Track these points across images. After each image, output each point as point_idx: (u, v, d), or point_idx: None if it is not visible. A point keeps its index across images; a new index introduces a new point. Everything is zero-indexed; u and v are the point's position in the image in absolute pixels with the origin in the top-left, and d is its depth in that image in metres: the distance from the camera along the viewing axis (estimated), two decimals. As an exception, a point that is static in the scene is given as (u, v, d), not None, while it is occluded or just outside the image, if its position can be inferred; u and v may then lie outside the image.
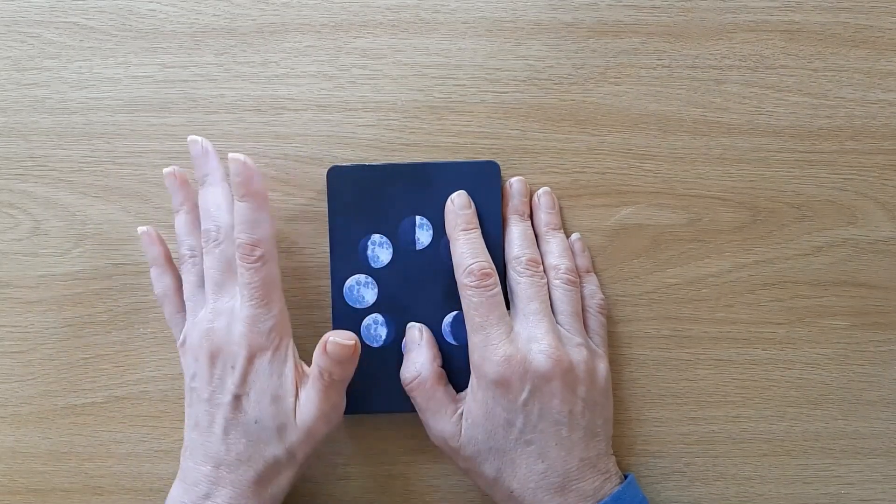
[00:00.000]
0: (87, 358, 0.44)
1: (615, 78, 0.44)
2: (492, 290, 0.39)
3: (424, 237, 0.42)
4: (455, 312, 0.42)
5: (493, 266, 0.40)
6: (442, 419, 0.40)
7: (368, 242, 0.42)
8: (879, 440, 0.44)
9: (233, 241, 0.38)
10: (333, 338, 0.37)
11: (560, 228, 0.43)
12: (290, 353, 0.38)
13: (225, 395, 0.37)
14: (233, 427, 0.37)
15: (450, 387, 0.41)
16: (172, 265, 0.42)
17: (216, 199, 0.39)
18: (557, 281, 0.41)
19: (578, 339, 0.40)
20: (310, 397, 0.38)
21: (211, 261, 0.39)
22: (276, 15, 0.43)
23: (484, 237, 0.41)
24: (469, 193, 0.42)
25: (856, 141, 0.44)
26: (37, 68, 0.43)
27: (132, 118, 0.43)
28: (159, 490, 0.43)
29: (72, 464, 0.43)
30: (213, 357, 0.38)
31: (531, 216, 0.43)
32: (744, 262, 0.44)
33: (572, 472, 0.38)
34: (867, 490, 0.44)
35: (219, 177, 0.39)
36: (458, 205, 0.41)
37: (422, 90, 0.44)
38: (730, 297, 0.44)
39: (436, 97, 0.44)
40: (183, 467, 0.39)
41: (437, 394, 0.40)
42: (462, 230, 0.41)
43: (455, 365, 0.42)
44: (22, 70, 0.43)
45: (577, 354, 0.40)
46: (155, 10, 0.43)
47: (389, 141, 0.44)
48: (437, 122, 0.44)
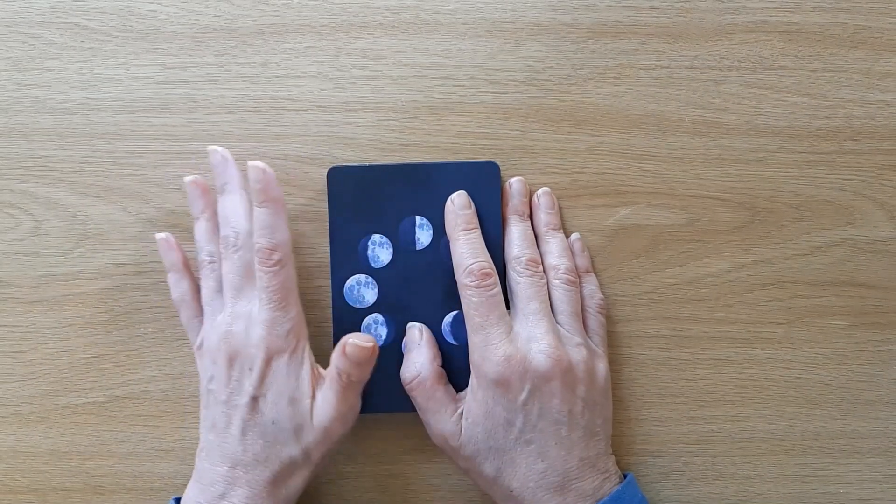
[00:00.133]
0: (88, 358, 0.44)
1: (614, 78, 0.44)
2: (492, 290, 0.39)
3: (424, 237, 0.42)
4: (455, 312, 0.42)
5: (493, 266, 0.40)
6: (442, 419, 0.40)
7: (368, 242, 0.42)
8: (878, 440, 0.44)
9: (251, 247, 0.39)
10: (353, 340, 0.38)
11: (560, 228, 0.43)
12: (307, 356, 0.39)
13: (242, 396, 0.38)
14: (250, 428, 0.38)
15: (450, 386, 0.41)
16: (190, 271, 0.42)
17: (235, 206, 0.40)
18: (557, 281, 0.41)
19: (578, 339, 0.40)
20: (327, 398, 0.38)
21: (230, 266, 0.39)
22: (277, 16, 0.44)
23: (484, 237, 0.41)
24: (469, 193, 0.42)
25: (854, 141, 0.44)
26: (38, 69, 0.44)
27: (133, 119, 0.44)
28: (160, 489, 0.43)
29: (73, 463, 0.43)
30: (231, 359, 0.38)
31: (531, 216, 0.43)
32: (743, 262, 0.44)
33: (572, 471, 0.38)
34: (866, 489, 0.44)
35: (237, 185, 0.40)
36: (458, 205, 0.41)
37: (421, 91, 0.44)
38: (729, 297, 0.44)
39: (435, 98, 0.44)
40: (198, 468, 0.39)
41: (437, 393, 0.40)
42: (462, 230, 0.41)
43: (455, 365, 0.42)
44: (23, 70, 0.44)
45: (577, 354, 0.40)
46: (156, 11, 0.44)
47: (389, 141, 0.44)
48: (437, 122, 0.44)
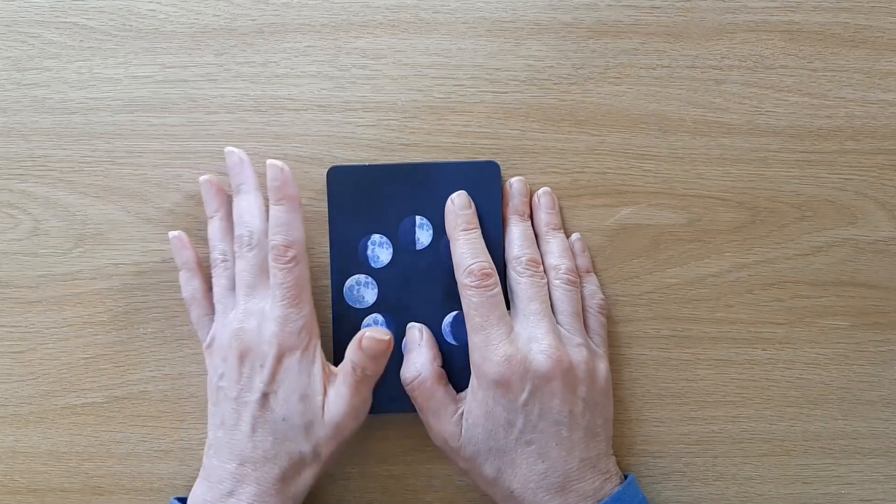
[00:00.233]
0: (87, 358, 0.43)
1: (615, 78, 0.44)
2: (492, 290, 0.39)
3: (424, 237, 0.42)
4: (455, 312, 0.42)
5: (493, 266, 0.40)
6: (442, 419, 0.40)
7: (368, 242, 0.42)
8: (879, 440, 0.44)
9: (265, 246, 0.39)
10: (370, 333, 0.38)
11: (560, 228, 0.43)
12: (319, 353, 0.39)
13: (253, 393, 0.38)
14: (260, 425, 0.38)
15: (450, 387, 0.41)
16: (201, 269, 0.42)
17: (250, 206, 0.40)
18: (557, 281, 0.41)
19: (578, 340, 0.40)
20: (340, 393, 0.38)
21: (243, 264, 0.39)
22: (277, 15, 0.43)
23: (484, 237, 0.41)
24: (469, 193, 0.42)
25: (855, 141, 0.44)
26: (37, 68, 0.43)
27: (132, 118, 0.43)
28: (159, 490, 0.43)
29: (72, 464, 0.43)
30: (243, 356, 0.38)
31: (531, 216, 0.43)
32: (743, 261, 0.44)
33: (572, 472, 0.38)
34: (867, 490, 0.44)
35: (253, 185, 0.40)
36: (458, 205, 0.41)
37: (422, 90, 0.44)
38: (729, 297, 0.44)
39: (436, 97, 0.44)
40: (206, 465, 0.39)
41: (438, 394, 0.40)
42: (462, 230, 0.41)
43: (455, 365, 0.42)
44: (22, 70, 0.43)
45: (578, 354, 0.40)
46: (155, 11, 0.43)
47: (389, 141, 0.44)
48: (437, 122, 0.44)
